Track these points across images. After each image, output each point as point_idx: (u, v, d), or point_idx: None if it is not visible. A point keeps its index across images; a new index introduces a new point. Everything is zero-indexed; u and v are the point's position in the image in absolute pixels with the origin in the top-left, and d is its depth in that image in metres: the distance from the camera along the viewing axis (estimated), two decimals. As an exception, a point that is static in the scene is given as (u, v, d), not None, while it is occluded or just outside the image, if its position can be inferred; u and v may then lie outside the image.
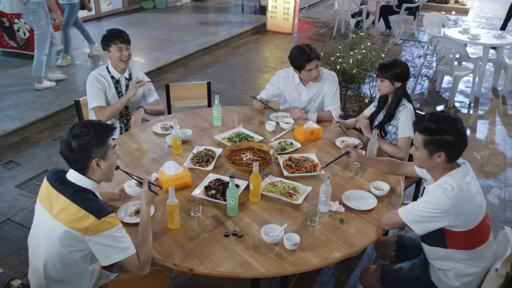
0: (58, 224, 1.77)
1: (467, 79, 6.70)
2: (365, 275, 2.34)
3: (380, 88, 2.93)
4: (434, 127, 1.88)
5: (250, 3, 11.23)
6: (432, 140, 1.89)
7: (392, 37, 9.18)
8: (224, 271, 1.88)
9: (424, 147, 1.92)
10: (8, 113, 4.96)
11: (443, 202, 1.86)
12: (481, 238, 1.98)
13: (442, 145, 1.88)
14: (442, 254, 2.00)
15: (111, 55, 3.20)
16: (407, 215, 1.99)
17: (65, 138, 1.85)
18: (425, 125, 1.90)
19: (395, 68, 2.85)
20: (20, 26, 6.49)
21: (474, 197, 1.92)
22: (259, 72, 7.10)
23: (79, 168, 1.86)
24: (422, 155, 1.95)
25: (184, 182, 2.44)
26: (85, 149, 1.82)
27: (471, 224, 1.91)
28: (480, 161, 4.54)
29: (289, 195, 2.35)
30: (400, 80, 2.87)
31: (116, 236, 1.79)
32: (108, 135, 1.89)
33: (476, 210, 1.93)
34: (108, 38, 3.16)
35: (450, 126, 1.87)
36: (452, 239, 1.95)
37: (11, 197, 3.72)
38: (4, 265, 2.98)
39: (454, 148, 1.89)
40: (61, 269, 1.84)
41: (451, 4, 12.41)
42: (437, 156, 1.91)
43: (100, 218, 1.75)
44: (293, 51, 3.26)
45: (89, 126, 1.85)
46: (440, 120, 1.88)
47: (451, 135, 1.86)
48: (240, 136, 3.02)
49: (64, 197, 1.81)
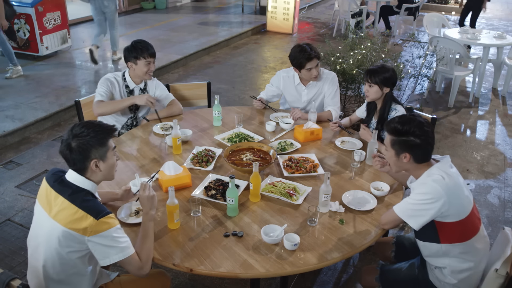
0: (57, 224, 1.77)
1: (467, 79, 6.70)
2: (364, 275, 2.35)
3: (368, 93, 2.91)
4: (400, 128, 1.98)
5: (250, 3, 11.23)
6: (398, 141, 1.99)
7: (392, 37, 9.18)
8: (224, 271, 1.88)
9: (391, 146, 2.03)
10: (8, 113, 4.96)
11: (435, 190, 1.90)
12: (472, 229, 2.01)
13: (408, 146, 1.98)
14: (436, 249, 2.03)
15: (137, 67, 3.16)
16: (403, 211, 2.02)
17: (65, 138, 1.84)
18: (392, 126, 2.01)
19: (384, 72, 2.83)
20: (20, 26, 6.50)
21: (462, 186, 1.97)
22: (259, 72, 7.11)
23: (78, 169, 1.86)
24: (390, 155, 2.06)
25: (184, 183, 2.44)
26: (85, 150, 1.82)
27: (462, 214, 1.95)
28: (480, 161, 4.54)
29: (289, 196, 2.35)
30: (389, 85, 2.86)
31: (115, 236, 1.79)
32: (108, 136, 1.89)
33: (466, 200, 1.97)
34: (137, 50, 3.12)
35: (416, 129, 1.95)
36: (445, 232, 1.97)
37: (11, 197, 3.72)
38: (4, 265, 2.98)
39: (420, 150, 1.97)
40: (60, 269, 1.84)
41: (451, 4, 12.42)
42: (403, 157, 2.00)
43: (99, 219, 1.75)
44: (293, 50, 3.26)
45: (90, 127, 1.85)
46: (407, 122, 1.98)
47: (416, 137, 1.95)
48: (240, 137, 3.02)
49: (62, 198, 1.81)
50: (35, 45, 6.57)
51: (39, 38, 6.51)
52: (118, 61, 6.86)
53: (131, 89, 3.27)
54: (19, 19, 6.44)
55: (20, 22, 6.47)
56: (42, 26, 6.49)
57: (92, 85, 5.89)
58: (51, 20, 6.65)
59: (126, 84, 3.25)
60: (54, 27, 6.73)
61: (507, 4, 13.94)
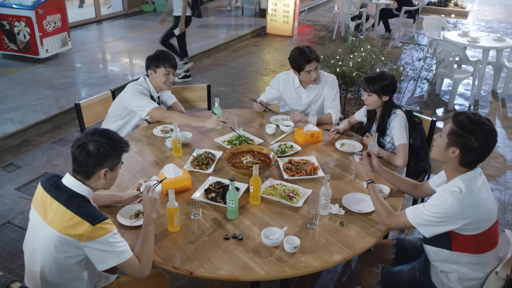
0: (52, 230, 1.76)
1: (466, 81, 6.71)
2: (365, 278, 2.33)
3: (368, 102, 2.88)
4: (467, 124, 1.86)
5: (250, 6, 11.26)
6: (457, 133, 1.88)
7: (392, 40, 9.20)
8: (224, 274, 1.88)
9: (447, 135, 1.91)
10: (8, 116, 4.96)
11: (451, 206, 1.84)
12: (490, 244, 1.95)
13: (463, 144, 1.87)
14: (446, 256, 1.98)
15: (156, 76, 3.19)
16: (415, 218, 1.97)
17: (82, 139, 1.82)
18: (461, 118, 1.88)
19: (382, 80, 2.78)
20: (21, 29, 6.51)
21: (484, 202, 1.89)
22: (259, 75, 7.11)
23: (85, 172, 1.84)
24: (442, 142, 1.93)
25: (184, 185, 2.43)
26: (101, 156, 1.81)
27: (479, 229, 1.88)
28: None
29: (289, 198, 2.35)
30: (388, 93, 2.81)
31: (111, 241, 1.78)
32: (124, 150, 1.90)
33: (486, 216, 1.89)
34: (160, 59, 3.16)
35: (482, 133, 1.84)
36: (459, 242, 1.92)
37: (11, 200, 3.72)
38: (3, 268, 2.98)
39: (472, 154, 1.87)
40: (58, 274, 1.84)
41: (450, 7, 12.45)
42: (452, 151, 1.90)
43: (95, 225, 1.74)
44: (293, 52, 3.27)
45: (110, 137, 1.85)
46: (477, 123, 1.85)
47: (477, 140, 1.84)
48: (240, 139, 3.02)
49: (58, 203, 1.79)
50: (35, 48, 6.58)
51: (39, 40, 6.52)
52: None
53: (154, 98, 3.31)
54: (19, 22, 6.45)
55: (20, 24, 6.48)
56: (42, 29, 6.50)
57: (92, 88, 5.90)
58: (52, 22, 6.67)
59: (150, 94, 3.29)
60: (54, 30, 6.74)
61: (507, 7, 13.98)
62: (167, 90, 3.43)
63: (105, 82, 6.15)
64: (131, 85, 3.20)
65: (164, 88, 3.27)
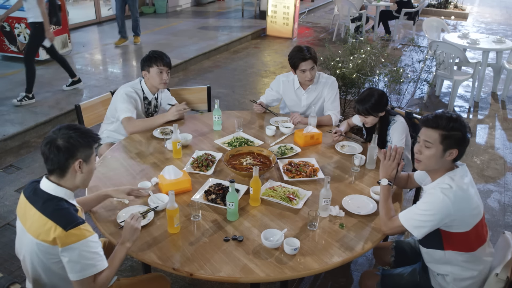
0: (31, 237, 1.73)
1: (466, 83, 6.72)
2: (364, 280, 2.34)
3: (367, 122, 2.88)
4: (451, 123, 1.90)
5: (250, 7, 11.27)
6: (449, 136, 1.90)
7: (392, 41, 9.21)
8: (224, 275, 1.88)
9: (440, 142, 1.92)
10: (8, 118, 4.96)
11: (443, 202, 1.87)
12: (479, 240, 1.99)
13: (458, 142, 1.91)
14: (439, 256, 2.01)
15: (150, 76, 3.20)
16: (408, 221, 1.99)
17: (50, 137, 1.78)
18: (443, 121, 1.91)
19: (370, 99, 2.76)
20: (21, 30, 6.52)
21: (472, 198, 1.94)
22: (259, 76, 7.12)
23: (59, 169, 1.78)
24: (435, 152, 1.93)
25: (184, 187, 2.43)
26: (72, 148, 1.76)
27: (468, 226, 1.93)
28: (480, 165, 4.54)
29: (289, 200, 2.35)
30: (381, 109, 2.81)
31: (82, 250, 1.68)
32: (94, 141, 1.86)
33: (474, 212, 1.94)
34: (151, 59, 3.17)
35: (463, 123, 1.92)
36: (450, 240, 1.96)
37: (11, 202, 3.72)
38: (3, 269, 2.98)
39: (464, 146, 1.93)
40: (51, 280, 1.82)
41: (450, 9, 12.47)
42: (449, 154, 1.93)
43: (68, 230, 1.66)
44: (292, 50, 3.29)
45: (78, 129, 1.82)
46: (459, 117, 1.93)
47: (464, 131, 1.91)
48: (240, 141, 3.02)
49: (35, 209, 1.75)
50: (36, 49, 6.56)
51: (39, 42, 6.50)
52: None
53: (149, 100, 3.32)
54: (20, 24, 6.45)
55: (20, 26, 6.48)
56: (42, 31, 6.48)
57: (92, 89, 5.91)
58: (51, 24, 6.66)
59: (144, 96, 3.29)
60: (54, 32, 6.73)
61: (506, 9, 14.00)
62: (165, 91, 3.43)
63: (105, 84, 6.15)
64: (123, 87, 3.22)
65: (160, 87, 3.27)
